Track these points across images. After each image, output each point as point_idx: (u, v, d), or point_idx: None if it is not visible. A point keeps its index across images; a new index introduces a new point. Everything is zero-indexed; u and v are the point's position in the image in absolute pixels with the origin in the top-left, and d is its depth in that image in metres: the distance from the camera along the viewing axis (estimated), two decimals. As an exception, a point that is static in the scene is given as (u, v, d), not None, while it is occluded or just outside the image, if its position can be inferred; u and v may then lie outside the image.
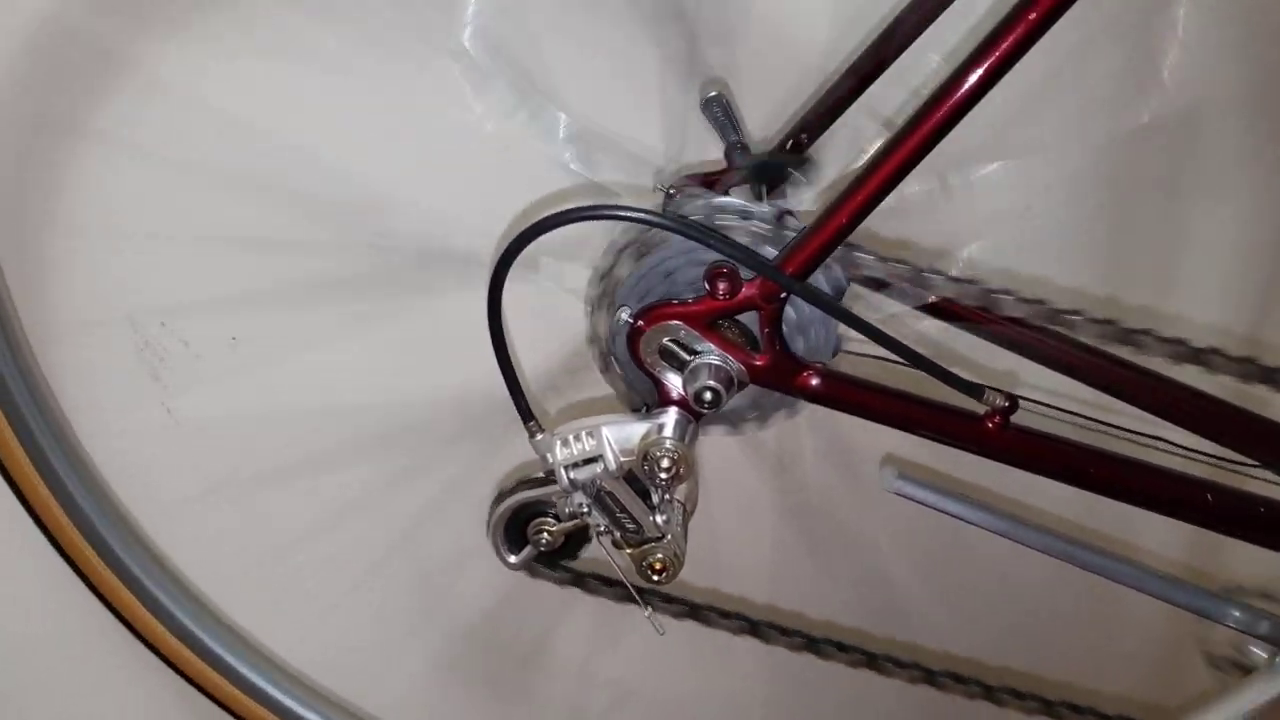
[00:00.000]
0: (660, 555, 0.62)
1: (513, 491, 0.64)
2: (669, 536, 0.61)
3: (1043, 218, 0.72)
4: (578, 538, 0.66)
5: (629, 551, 0.62)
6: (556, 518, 0.64)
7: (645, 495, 0.61)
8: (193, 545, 0.78)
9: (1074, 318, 0.60)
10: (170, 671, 0.76)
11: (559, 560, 0.68)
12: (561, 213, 0.56)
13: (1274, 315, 0.75)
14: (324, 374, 0.75)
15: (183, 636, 0.75)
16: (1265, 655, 0.66)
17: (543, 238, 0.56)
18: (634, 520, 0.61)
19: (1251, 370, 0.61)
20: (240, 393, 0.75)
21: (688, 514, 0.64)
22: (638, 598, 0.66)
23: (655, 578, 0.62)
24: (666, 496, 0.61)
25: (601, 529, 0.62)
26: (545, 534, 0.64)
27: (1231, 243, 0.74)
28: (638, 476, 0.60)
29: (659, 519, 0.61)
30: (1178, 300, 0.75)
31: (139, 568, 0.74)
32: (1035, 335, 0.60)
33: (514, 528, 0.65)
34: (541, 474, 0.64)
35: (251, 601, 0.80)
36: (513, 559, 0.66)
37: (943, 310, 0.63)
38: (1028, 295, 0.62)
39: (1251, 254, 0.74)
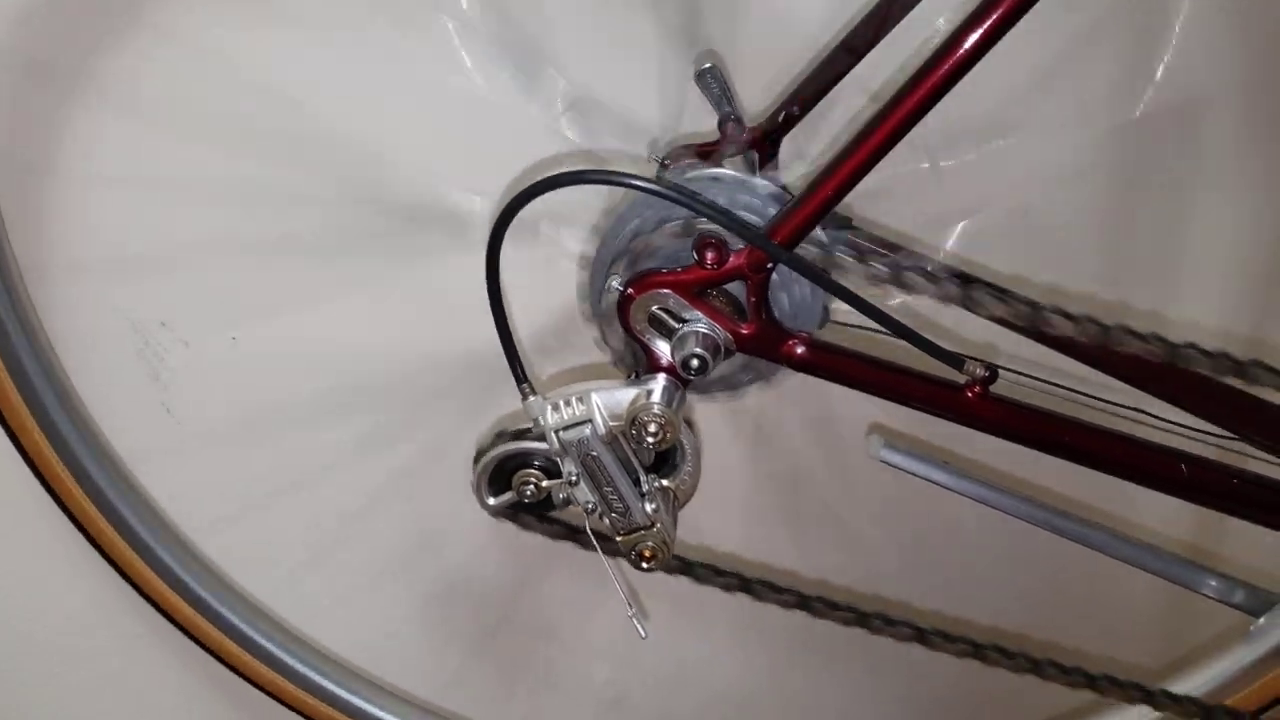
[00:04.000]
0: (650, 543, 0.63)
1: (511, 438, 0.64)
2: (658, 525, 0.62)
3: (1037, 209, 0.73)
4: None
5: (619, 539, 0.63)
6: (546, 472, 0.64)
7: (636, 481, 0.62)
8: (192, 540, 0.81)
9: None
10: (188, 639, 0.79)
11: (536, 513, 0.68)
12: (559, 175, 0.57)
13: (1273, 311, 0.76)
14: (325, 370, 0.77)
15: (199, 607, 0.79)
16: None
17: (538, 201, 0.57)
18: (621, 500, 0.62)
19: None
20: (240, 392, 0.77)
21: (678, 502, 0.65)
22: (625, 597, 0.67)
23: (644, 565, 0.64)
24: (656, 484, 0.63)
25: (590, 506, 0.63)
26: (531, 486, 0.64)
27: (1231, 238, 0.74)
28: (630, 457, 0.62)
29: (648, 507, 0.62)
30: (1174, 295, 0.75)
31: (148, 534, 0.77)
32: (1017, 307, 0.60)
33: (501, 472, 0.65)
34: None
35: (263, 587, 0.83)
36: (492, 501, 0.66)
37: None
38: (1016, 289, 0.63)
39: (1251, 249, 0.74)
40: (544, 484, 0.64)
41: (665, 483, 0.63)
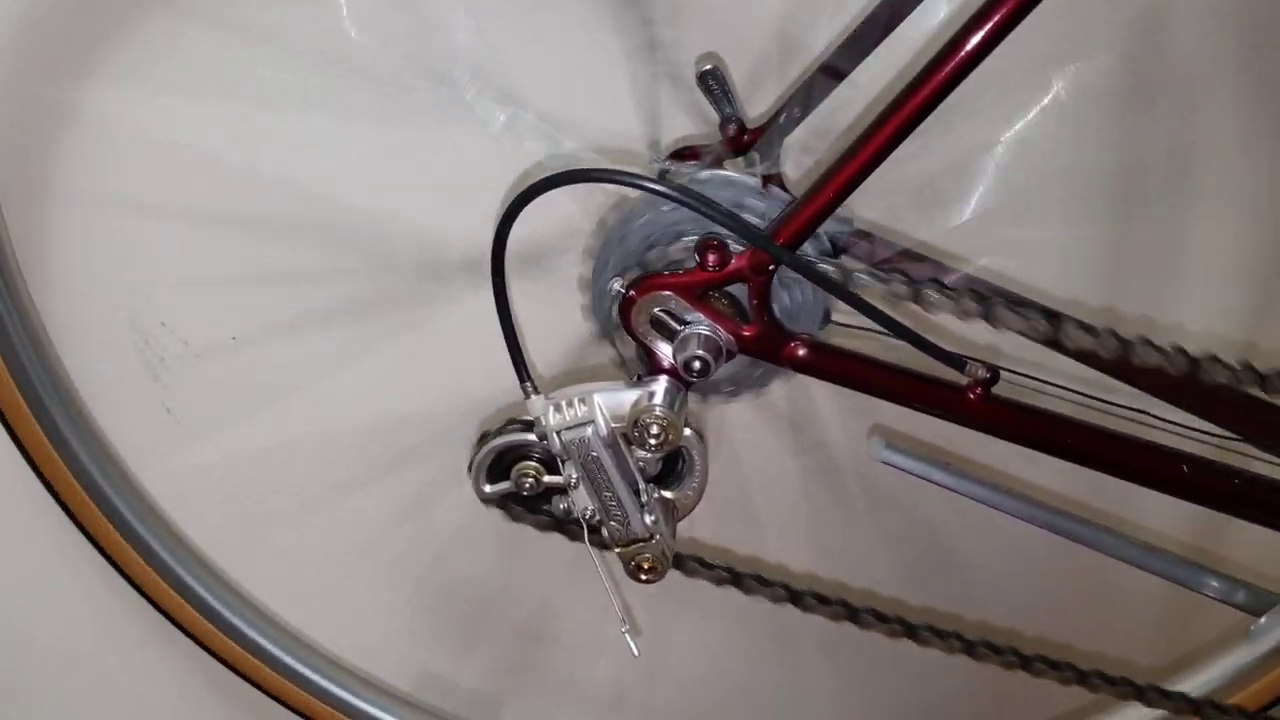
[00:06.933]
0: (648, 555, 0.63)
1: (520, 429, 0.63)
2: (657, 537, 0.62)
3: (1039, 208, 0.73)
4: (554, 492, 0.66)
5: (617, 550, 0.63)
6: (546, 466, 0.63)
7: (636, 491, 0.62)
8: (191, 539, 0.80)
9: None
10: (186, 638, 0.79)
11: (529, 505, 0.68)
12: (562, 173, 0.57)
13: (1270, 317, 0.76)
14: (326, 368, 0.77)
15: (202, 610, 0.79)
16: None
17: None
18: (621, 508, 0.62)
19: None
20: (240, 392, 0.77)
21: (678, 514, 0.64)
22: (620, 612, 0.66)
23: (643, 578, 0.63)
24: (656, 495, 0.62)
25: (590, 513, 0.62)
26: (529, 479, 0.63)
27: (1231, 246, 0.74)
28: (631, 466, 0.61)
29: (647, 518, 0.62)
30: (1174, 301, 0.75)
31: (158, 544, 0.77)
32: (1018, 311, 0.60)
33: (501, 461, 0.64)
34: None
35: (262, 586, 0.83)
36: (487, 489, 0.65)
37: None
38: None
39: (1251, 257, 0.74)
40: (543, 478, 0.63)
41: (667, 494, 0.63)
